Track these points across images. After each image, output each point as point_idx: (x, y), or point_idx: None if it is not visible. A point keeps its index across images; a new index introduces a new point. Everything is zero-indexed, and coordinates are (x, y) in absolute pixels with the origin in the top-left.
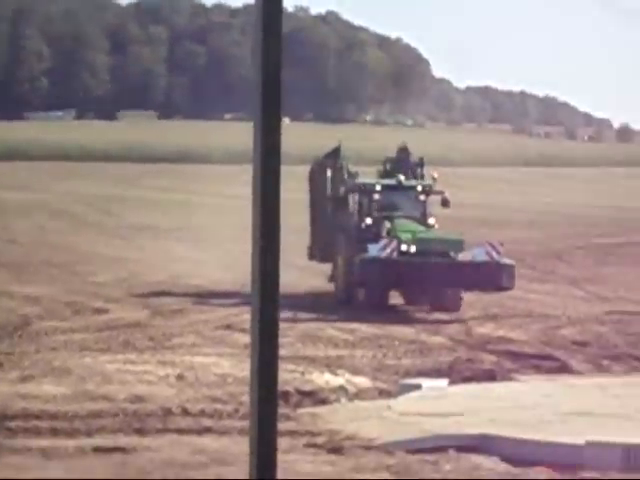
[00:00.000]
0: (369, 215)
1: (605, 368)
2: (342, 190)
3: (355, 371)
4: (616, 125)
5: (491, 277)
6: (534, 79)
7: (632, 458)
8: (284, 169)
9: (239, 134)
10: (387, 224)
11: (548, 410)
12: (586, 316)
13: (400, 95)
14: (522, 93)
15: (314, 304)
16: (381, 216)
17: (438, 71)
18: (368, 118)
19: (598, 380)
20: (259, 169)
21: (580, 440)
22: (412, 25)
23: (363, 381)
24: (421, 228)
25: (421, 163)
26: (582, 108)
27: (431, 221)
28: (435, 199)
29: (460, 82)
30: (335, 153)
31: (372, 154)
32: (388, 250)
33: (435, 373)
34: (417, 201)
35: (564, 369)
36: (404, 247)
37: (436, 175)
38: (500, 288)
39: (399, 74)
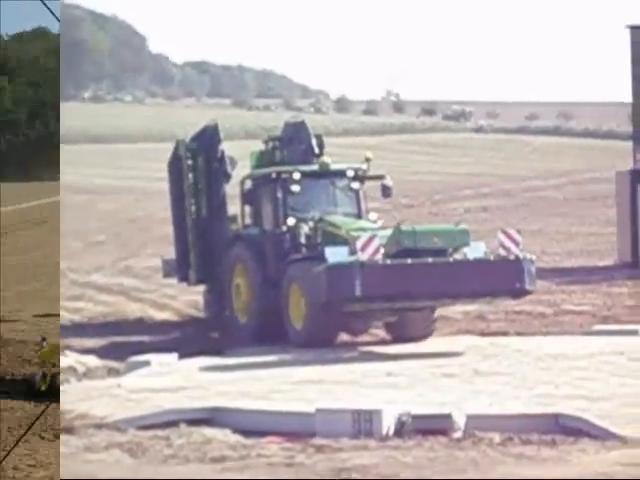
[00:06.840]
0: (287, 215)
1: None
2: (248, 183)
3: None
4: (333, 96)
5: (510, 279)
6: (250, 53)
7: (362, 423)
8: None
9: None
10: (304, 228)
11: (279, 380)
12: None
13: (117, 71)
14: (240, 67)
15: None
16: (302, 215)
17: (154, 47)
18: (86, 95)
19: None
20: None
21: (311, 408)
22: (127, 2)
23: (91, 360)
24: (373, 225)
25: (320, 143)
26: (298, 80)
27: (372, 217)
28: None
29: (177, 57)
30: (209, 135)
31: (97, 131)
32: (369, 251)
33: (165, 348)
34: (349, 191)
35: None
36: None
37: (370, 155)
38: (522, 293)
39: (115, 50)
